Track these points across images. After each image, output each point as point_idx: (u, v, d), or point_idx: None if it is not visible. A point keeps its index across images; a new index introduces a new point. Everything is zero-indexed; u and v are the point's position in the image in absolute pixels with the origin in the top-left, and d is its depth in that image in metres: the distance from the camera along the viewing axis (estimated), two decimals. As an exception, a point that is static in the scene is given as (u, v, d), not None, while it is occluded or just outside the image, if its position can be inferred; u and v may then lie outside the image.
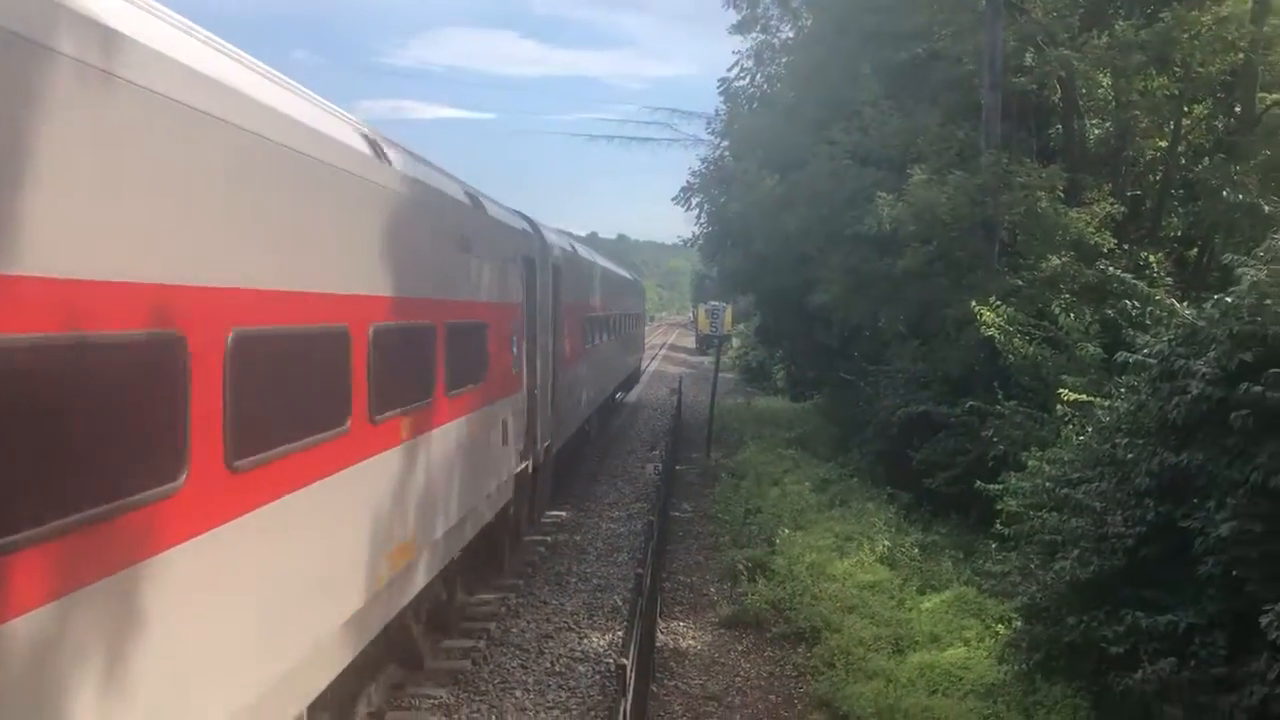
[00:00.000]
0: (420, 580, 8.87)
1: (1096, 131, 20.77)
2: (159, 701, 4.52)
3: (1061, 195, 17.55)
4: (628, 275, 36.47)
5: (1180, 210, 20.04)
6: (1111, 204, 17.78)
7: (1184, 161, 19.69)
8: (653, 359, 60.32)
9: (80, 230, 4.03)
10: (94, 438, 4.07)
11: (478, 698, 10.30)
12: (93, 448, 4.07)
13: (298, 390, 6.22)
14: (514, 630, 12.31)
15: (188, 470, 4.72)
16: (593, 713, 9.98)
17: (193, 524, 4.79)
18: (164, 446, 4.61)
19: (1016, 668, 9.23)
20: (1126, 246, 18.05)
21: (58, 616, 3.81)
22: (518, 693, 10.49)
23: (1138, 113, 18.96)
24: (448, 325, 9.63)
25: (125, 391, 4.32)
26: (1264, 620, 6.23)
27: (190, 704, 4.83)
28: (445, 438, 9.58)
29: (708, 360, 48.43)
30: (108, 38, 4.21)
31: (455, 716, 9.84)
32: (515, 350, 13.16)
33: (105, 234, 4.20)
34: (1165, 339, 8.55)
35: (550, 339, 16.05)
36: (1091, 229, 17.14)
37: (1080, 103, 20.42)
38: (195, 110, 4.88)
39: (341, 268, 6.96)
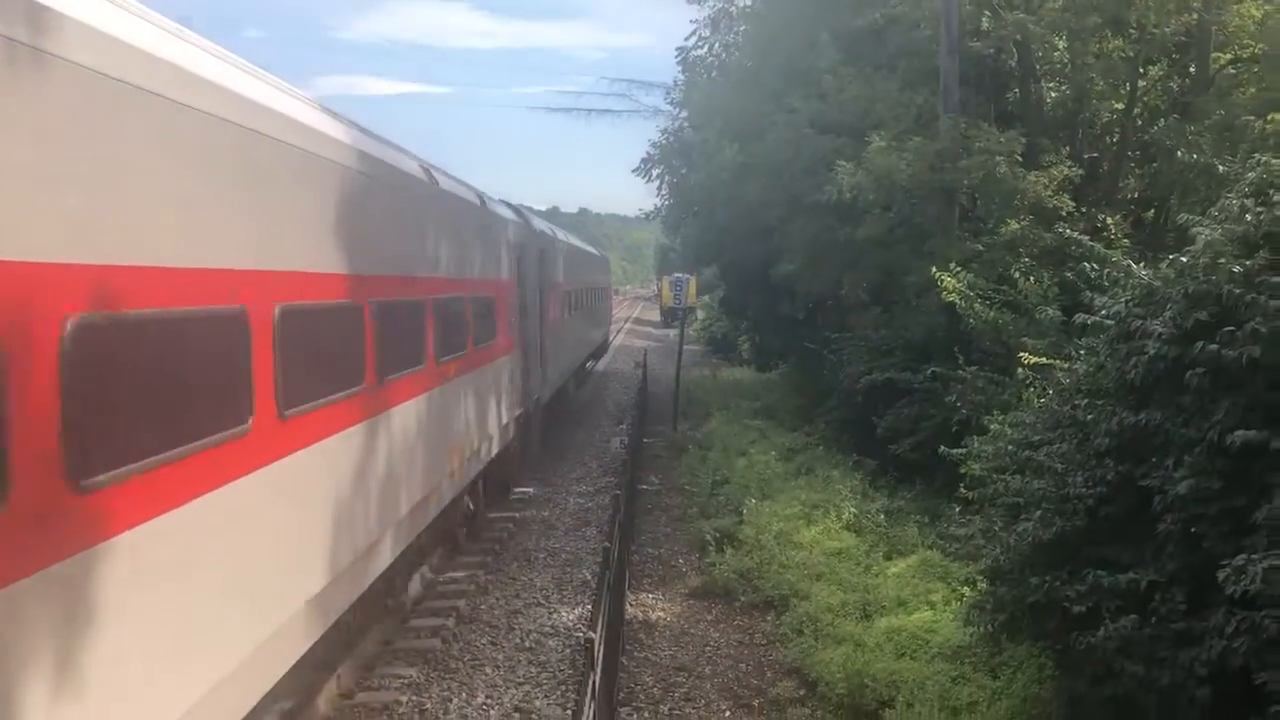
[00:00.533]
0: (473, 473, 13.08)
1: (1054, 95, 20.84)
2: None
3: (1020, 159, 17.61)
4: (596, 253, 40.06)
5: (1137, 172, 20.20)
6: (1069, 167, 17.85)
7: (1140, 123, 19.84)
8: (618, 333, 60.22)
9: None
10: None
11: (448, 675, 10.27)
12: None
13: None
14: (483, 607, 12.28)
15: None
16: (563, 686, 9.99)
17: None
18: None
19: (982, 629, 9.30)
20: (1085, 209, 18.16)
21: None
22: (488, 669, 10.48)
23: (1094, 75, 19.03)
24: (471, 298, 12.67)
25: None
26: (1221, 575, 6.28)
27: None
28: (472, 380, 12.78)
29: (673, 333, 48.46)
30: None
31: (425, 695, 9.81)
32: (512, 319, 15.88)
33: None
34: (1122, 300, 8.59)
35: (538, 311, 18.71)
36: (1050, 192, 17.22)
37: (1037, 66, 20.48)
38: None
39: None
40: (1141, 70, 19.51)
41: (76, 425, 4.17)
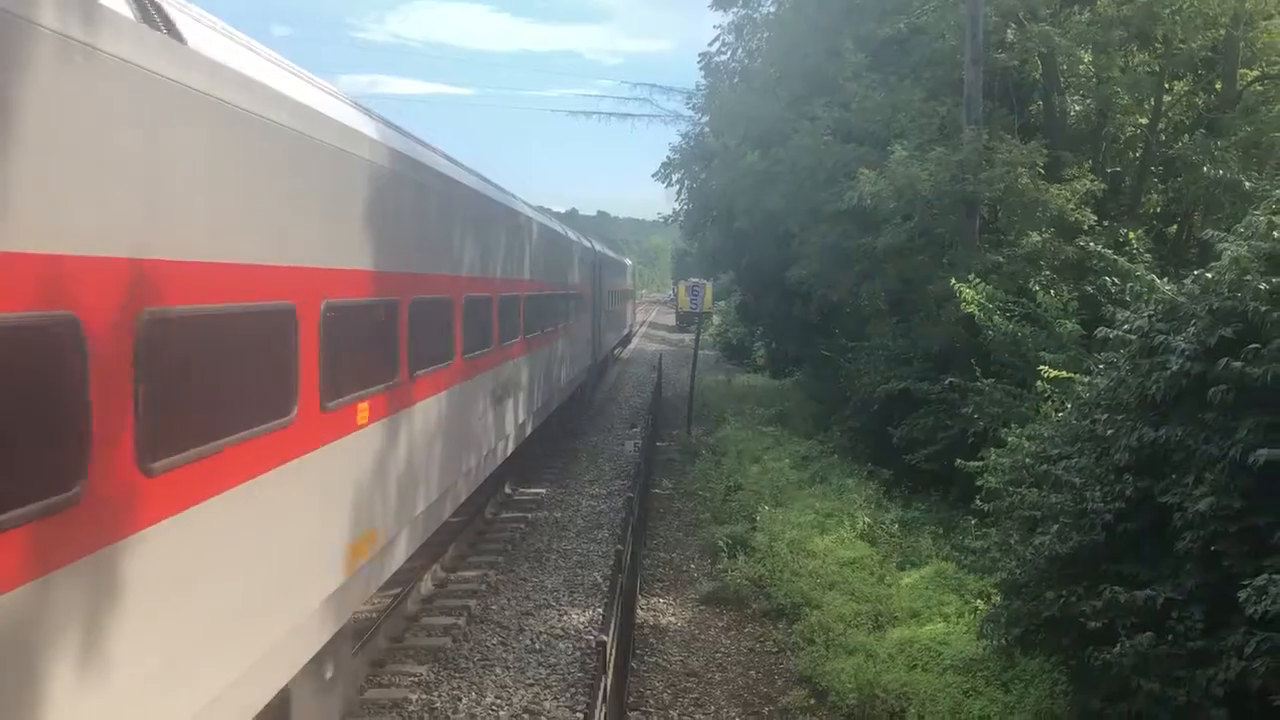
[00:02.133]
0: (578, 384, 22.59)
1: (1077, 108, 20.75)
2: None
3: (1042, 172, 17.53)
4: (626, 261, 51.29)
5: (1160, 187, 20.07)
6: (1092, 180, 17.74)
7: (1164, 138, 19.70)
8: (633, 336, 60.18)
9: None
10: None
11: (457, 675, 10.27)
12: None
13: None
14: (494, 607, 12.28)
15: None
16: (572, 689, 9.97)
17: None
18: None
19: (995, 642, 9.25)
20: (1106, 223, 18.06)
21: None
22: (498, 670, 10.47)
23: (1118, 89, 18.92)
24: (568, 296, 20.94)
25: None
26: (1241, 595, 6.24)
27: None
28: (571, 339, 21.32)
29: (688, 338, 48.39)
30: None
31: (435, 693, 9.81)
32: (586, 307, 25.10)
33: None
34: (1145, 314, 8.54)
35: (597, 303, 28.34)
36: (1072, 205, 17.13)
37: (1061, 79, 20.39)
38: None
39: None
40: (1167, 85, 19.39)
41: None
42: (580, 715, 8.59)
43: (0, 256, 3.60)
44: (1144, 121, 19.83)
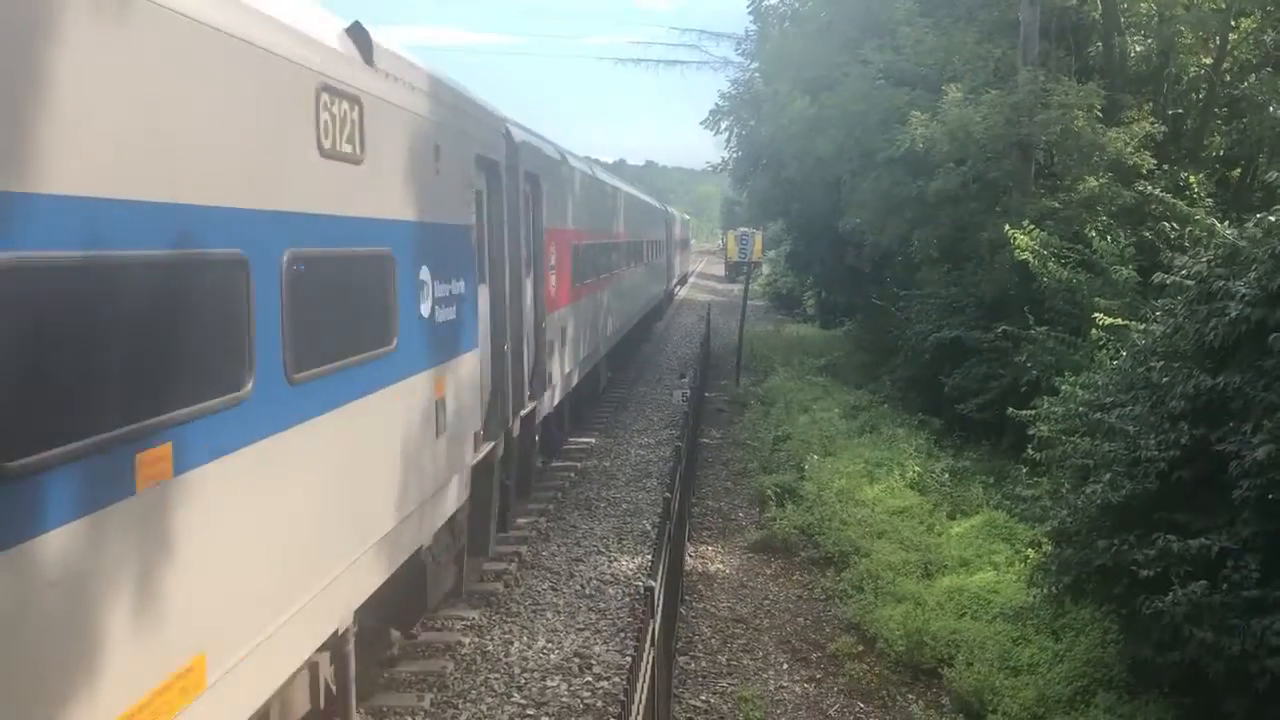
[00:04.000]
0: (669, 292, 42.91)
1: (1138, 48, 20.16)
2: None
3: (1100, 114, 17.11)
4: (685, 217, 60.97)
5: (1223, 129, 19.52)
6: (1151, 123, 17.29)
7: (1229, 78, 19.13)
8: (680, 286, 60.12)
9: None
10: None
11: (509, 619, 10.44)
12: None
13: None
14: (544, 554, 12.44)
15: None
16: (622, 634, 10.10)
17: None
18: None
19: (1046, 591, 9.21)
20: (1166, 167, 17.64)
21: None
22: (548, 614, 10.63)
23: (1182, 28, 18.35)
24: (673, 239, 43.60)
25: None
26: (1300, 544, 6.16)
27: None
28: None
29: (737, 288, 48.26)
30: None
31: (487, 637, 9.99)
32: (663, 249, 36.55)
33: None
34: (1204, 260, 8.36)
35: (668, 246, 37.64)
36: (1130, 149, 16.73)
37: (1121, 18, 19.81)
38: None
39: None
40: (1234, 23, 18.75)
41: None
42: (629, 659, 8.72)
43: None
44: (1208, 61, 19.24)
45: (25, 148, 3.47)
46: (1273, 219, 7.55)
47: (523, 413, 11.89)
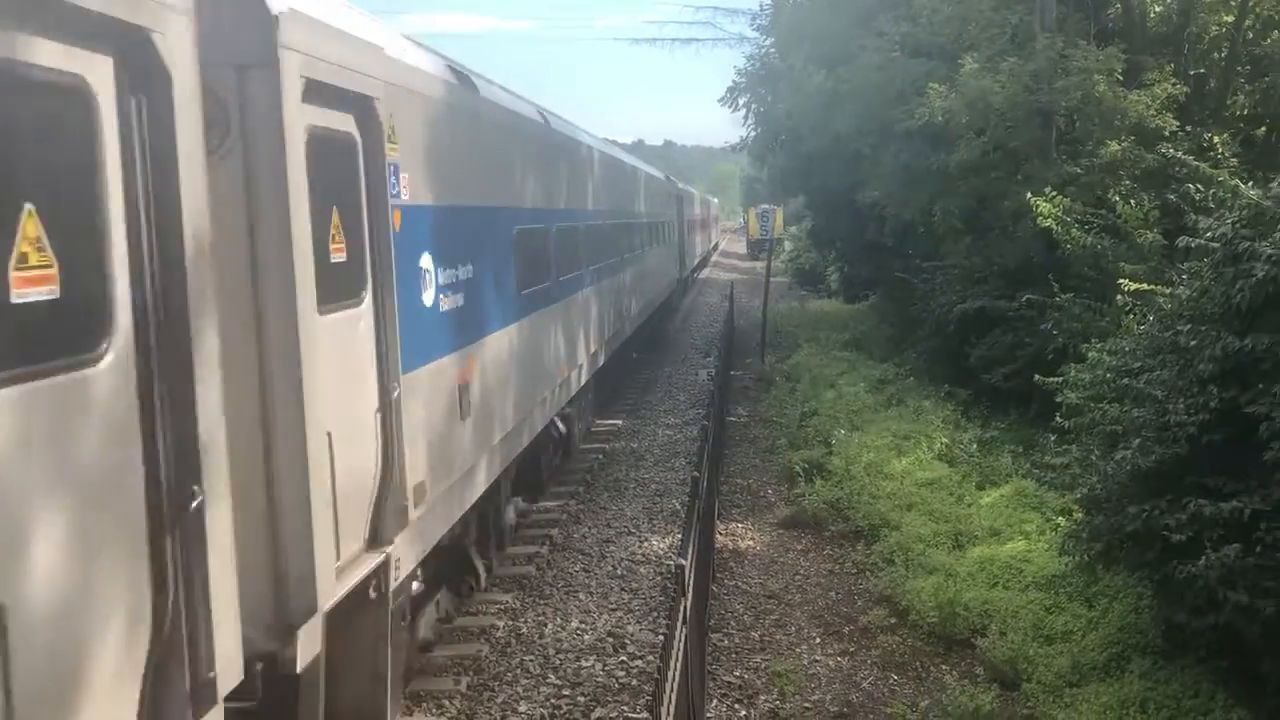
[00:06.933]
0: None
1: (1157, 8, 19.93)
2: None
3: (1120, 78, 16.92)
4: (712, 199, 65.30)
5: (1247, 88, 19.25)
6: (1173, 85, 17.08)
7: (1251, 35, 18.85)
8: (701, 266, 59.99)
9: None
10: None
11: (542, 601, 10.53)
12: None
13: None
14: (575, 536, 12.52)
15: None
16: (654, 613, 10.17)
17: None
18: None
19: (1077, 559, 9.21)
20: (1189, 129, 17.43)
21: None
22: (581, 595, 10.71)
23: (1202, -15, 18.12)
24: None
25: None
26: (1332, 504, 6.14)
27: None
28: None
29: (759, 266, 48.10)
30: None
31: (521, 620, 10.09)
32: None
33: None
34: (1229, 221, 8.29)
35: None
36: (1152, 112, 16.55)
37: (1141, -23, 19.56)
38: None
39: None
40: (1255, -22, 18.49)
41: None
42: (662, 638, 8.79)
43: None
44: (1230, 19, 18.96)
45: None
46: (1298, 177, 7.48)
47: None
